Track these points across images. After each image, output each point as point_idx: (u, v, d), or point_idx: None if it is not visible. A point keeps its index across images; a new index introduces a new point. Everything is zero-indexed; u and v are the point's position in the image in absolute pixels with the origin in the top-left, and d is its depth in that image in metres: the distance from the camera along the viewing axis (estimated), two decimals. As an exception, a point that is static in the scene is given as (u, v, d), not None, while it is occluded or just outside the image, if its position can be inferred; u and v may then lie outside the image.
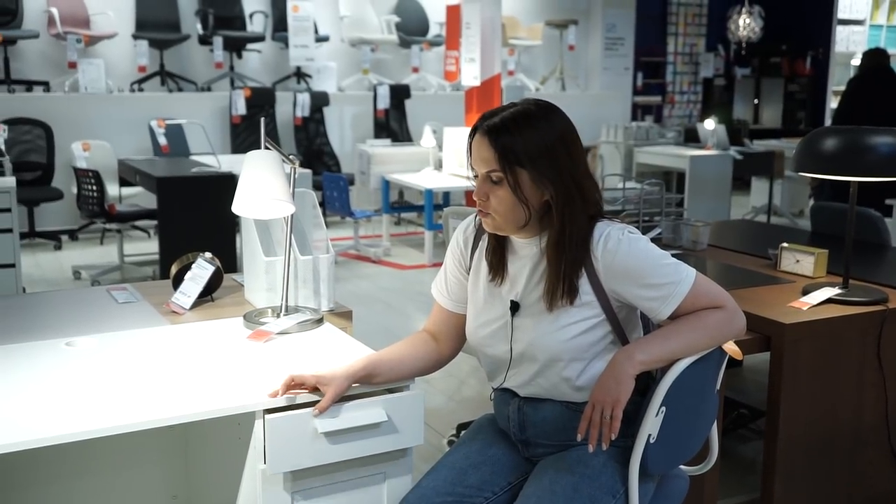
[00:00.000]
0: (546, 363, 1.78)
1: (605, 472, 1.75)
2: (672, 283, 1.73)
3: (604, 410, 1.66)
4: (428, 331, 1.98)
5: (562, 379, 1.79)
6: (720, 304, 1.77)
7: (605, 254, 1.73)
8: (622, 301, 1.77)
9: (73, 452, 2.12)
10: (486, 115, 1.75)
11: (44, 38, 7.80)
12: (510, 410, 1.89)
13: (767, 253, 3.20)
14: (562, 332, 1.76)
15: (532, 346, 1.78)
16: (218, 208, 5.17)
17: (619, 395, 1.66)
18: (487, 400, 2.00)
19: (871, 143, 2.47)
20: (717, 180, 7.64)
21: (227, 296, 2.51)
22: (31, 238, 7.16)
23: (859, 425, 2.63)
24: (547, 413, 1.84)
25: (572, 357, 1.77)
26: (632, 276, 1.73)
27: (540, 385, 1.82)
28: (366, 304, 5.47)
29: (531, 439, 1.87)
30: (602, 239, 1.74)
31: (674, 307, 1.73)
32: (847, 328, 2.55)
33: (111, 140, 7.48)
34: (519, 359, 1.83)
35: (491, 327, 1.85)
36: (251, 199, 2.08)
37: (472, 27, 6.95)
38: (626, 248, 1.72)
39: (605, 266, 1.74)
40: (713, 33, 11.90)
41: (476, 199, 1.75)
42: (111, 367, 1.87)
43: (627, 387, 1.67)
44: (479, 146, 1.73)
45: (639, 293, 1.74)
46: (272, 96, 8.38)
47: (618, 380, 1.67)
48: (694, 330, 1.73)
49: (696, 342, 1.74)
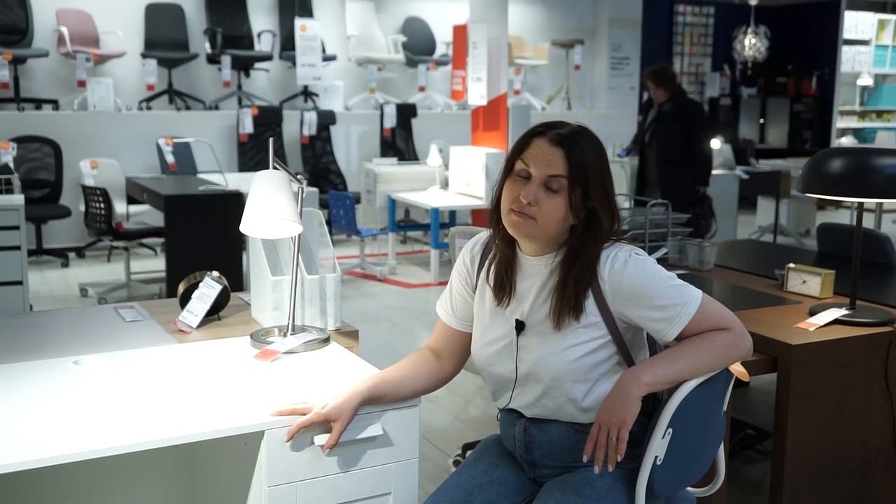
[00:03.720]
0: (551, 384, 1.78)
1: (611, 494, 1.75)
2: (679, 305, 1.73)
3: (610, 431, 1.66)
4: (431, 348, 1.97)
5: (567, 400, 1.78)
6: (727, 325, 1.76)
7: (611, 275, 1.73)
8: (628, 322, 1.77)
9: (80, 472, 2.11)
10: (550, 124, 1.77)
11: (53, 56, 7.86)
12: (516, 431, 1.88)
13: (774, 273, 3.20)
14: (567, 352, 1.75)
15: (537, 365, 1.78)
16: (225, 226, 5.18)
17: (626, 416, 1.66)
18: (493, 420, 2.00)
19: (877, 164, 2.48)
20: (723, 200, 7.61)
21: (234, 315, 2.52)
22: (38, 255, 7.18)
23: (866, 447, 2.62)
24: (553, 434, 1.83)
25: (577, 378, 1.76)
26: (638, 297, 1.73)
27: (545, 406, 1.81)
28: (371, 323, 5.47)
29: (537, 460, 1.87)
30: (609, 260, 1.74)
31: (680, 329, 1.73)
32: (854, 349, 2.54)
33: (119, 158, 7.52)
34: (524, 379, 1.82)
35: (496, 346, 1.85)
36: (259, 219, 2.09)
37: (479, 47, 6.98)
38: (632, 269, 1.73)
39: (612, 287, 1.74)
40: (719, 53, 11.94)
41: (523, 199, 1.72)
42: (119, 386, 1.87)
43: (634, 408, 1.67)
44: (547, 151, 1.73)
45: (645, 315, 1.74)
46: (279, 115, 8.42)
47: (624, 401, 1.67)
48: (701, 351, 1.73)
49: (703, 364, 1.74)
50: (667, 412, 1.71)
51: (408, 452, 1.83)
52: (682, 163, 6.10)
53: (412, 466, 1.85)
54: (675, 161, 6.11)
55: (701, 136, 6.13)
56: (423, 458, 3.40)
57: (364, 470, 1.78)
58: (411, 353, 1.97)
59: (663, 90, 6.15)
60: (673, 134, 6.12)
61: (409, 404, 1.83)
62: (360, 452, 1.77)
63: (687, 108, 6.19)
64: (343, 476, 1.76)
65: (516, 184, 1.75)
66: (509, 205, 1.75)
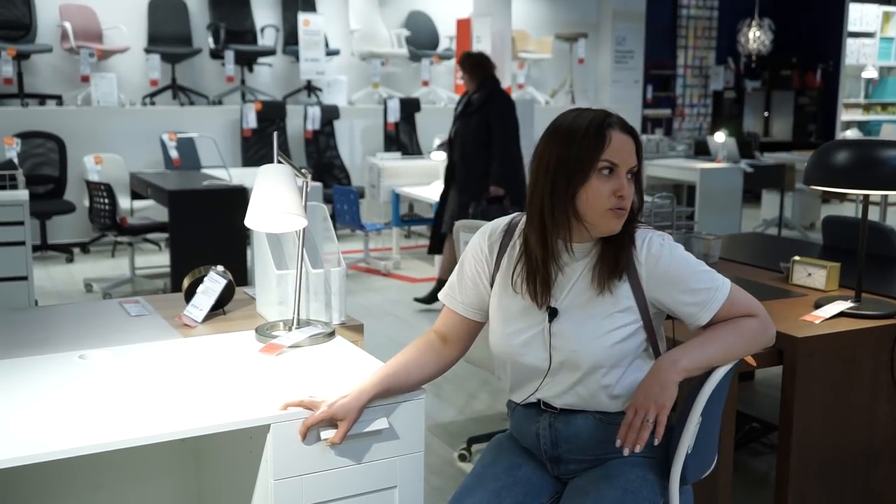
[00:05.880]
0: (588, 370, 1.78)
1: (644, 486, 1.77)
2: (711, 289, 1.77)
3: (647, 415, 1.67)
4: (437, 332, 1.94)
5: (601, 387, 1.79)
6: (754, 312, 1.80)
7: (648, 258, 1.76)
8: (661, 307, 1.80)
9: (85, 466, 2.12)
10: (602, 112, 1.75)
11: (57, 52, 7.86)
12: (540, 427, 1.86)
13: (779, 266, 3.19)
14: (605, 337, 1.76)
15: (576, 352, 1.77)
16: (229, 221, 5.19)
17: (665, 400, 1.68)
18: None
19: (882, 157, 2.47)
20: (727, 193, 7.63)
21: (239, 309, 2.52)
22: (43, 251, 7.19)
23: (872, 440, 2.61)
24: (580, 427, 1.83)
25: (614, 363, 1.78)
26: (673, 281, 1.76)
27: (578, 394, 1.81)
28: (375, 317, 5.47)
29: (563, 455, 1.86)
30: (645, 244, 1.77)
31: (712, 314, 1.77)
32: (860, 342, 2.53)
33: (123, 153, 7.53)
34: (558, 367, 1.80)
35: (525, 335, 1.82)
36: (264, 213, 2.09)
37: (483, 41, 6.97)
38: (668, 253, 1.76)
39: (648, 271, 1.76)
40: (723, 46, 11.91)
41: (624, 195, 1.71)
42: (124, 380, 1.87)
43: (672, 393, 1.69)
44: (624, 141, 1.72)
45: (680, 298, 1.77)
46: (283, 110, 8.42)
47: (664, 386, 1.69)
48: (731, 337, 1.77)
49: (734, 350, 1.77)
50: (701, 400, 1.75)
51: (413, 446, 1.83)
52: (483, 161, 5.44)
53: (417, 460, 1.85)
54: (475, 159, 5.47)
55: (503, 132, 5.42)
56: (429, 451, 3.40)
57: (369, 463, 1.78)
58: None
59: (469, 76, 5.50)
60: (475, 127, 5.45)
61: (414, 397, 1.83)
62: (365, 446, 1.77)
63: (491, 99, 5.45)
64: (349, 469, 1.76)
65: (602, 180, 1.71)
66: (605, 203, 1.71)
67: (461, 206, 5.48)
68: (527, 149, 7.04)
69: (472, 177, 5.47)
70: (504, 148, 5.42)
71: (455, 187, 5.58)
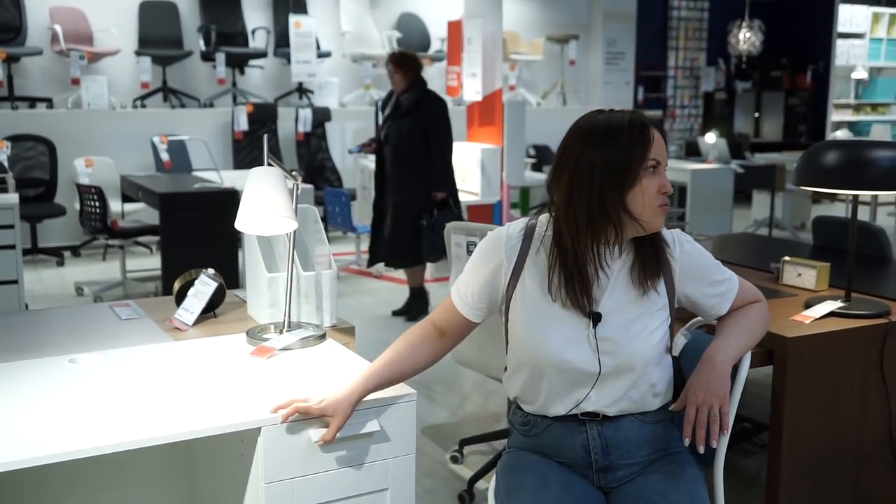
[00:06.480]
0: (641, 372, 1.79)
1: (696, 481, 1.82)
2: (728, 280, 1.88)
3: (711, 409, 1.72)
4: (436, 325, 1.88)
5: (649, 386, 1.82)
6: (759, 297, 1.93)
7: (682, 255, 1.83)
8: (685, 301, 1.87)
9: (76, 470, 2.11)
10: (633, 110, 1.79)
11: (47, 54, 7.83)
12: (589, 438, 1.83)
13: (769, 267, 3.20)
14: (651, 336, 1.79)
15: (631, 355, 1.77)
16: (220, 224, 5.18)
17: (726, 392, 1.76)
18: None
19: (872, 157, 2.48)
20: (718, 194, 7.65)
21: (230, 312, 2.52)
22: (33, 254, 7.17)
23: (863, 439, 2.62)
24: (628, 431, 1.83)
25: (658, 362, 1.82)
26: (702, 274, 1.85)
27: (630, 398, 1.81)
28: (367, 319, 5.47)
29: (615, 462, 1.84)
30: (676, 241, 1.84)
31: (731, 303, 1.88)
32: (850, 342, 2.54)
33: (114, 156, 7.51)
34: (610, 372, 1.77)
35: (570, 342, 1.77)
36: (254, 216, 2.09)
37: (474, 42, 6.97)
38: (697, 248, 1.86)
39: (683, 267, 1.83)
40: (713, 47, 11.94)
41: (668, 192, 1.73)
42: (115, 384, 1.87)
43: (728, 384, 1.77)
44: (660, 139, 1.75)
45: (706, 291, 1.86)
46: (274, 112, 8.41)
47: (721, 378, 1.76)
48: (753, 323, 1.89)
49: (757, 335, 1.90)
50: (737, 390, 1.86)
51: (405, 448, 1.83)
52: (419, 163, 5.28)
53: (409, 462, 1.85)
54: (411, 161, 5.30)
55: (440, 134, 5.29)
56: (421, 453, 3.40)
57: (361, 466, 1.78)
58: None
59: (401, 76, 5.29)
60: (408, 130, 5.27)
61: (405, 399, 1.83)
62: (356, 448, 1.77)
63: (423, 100, 5.28)
64: (340, 472, 1.76)
65: (650, 178, 1.71)
66: (655, 201, 1.72)
67: (399, 208, 5.32)
68: (521, 145, 7.05)
69: (410, 178, 5.31)
70: (443, 150, 5.32)
71: (390, 190, 5.41)
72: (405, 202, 5.33)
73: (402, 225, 5.32)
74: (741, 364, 1.90)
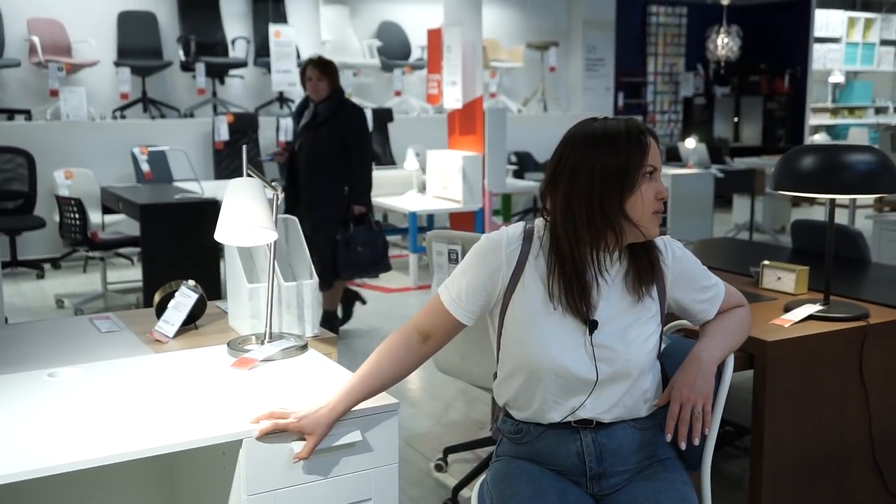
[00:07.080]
0: (637, 378, 1.81)
1: (687, 484, 1.85)
2: (716, 285, 1.91)
3: (695, 407, 1.76)
4: (420, 331, 1.84)
5: (641, 392, 1.83)
6: (743, 302, 1.96)
7: (674, 261, 1.85)
8: (674, 307, 1.89)
9: (57, 485, 2.09)
10: (628, 117, 1.79)
11: (25, 66, 7.79)
12: (583, 445, 1.82)
13: (749, 271, 3.22)
14: (646, 343, 1.81)
15: (628, 362, 1.79)
16: (201, 235, 5.11)
17: (710, 390, 1.79)
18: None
19: (848, 161, 2.50)
20: (698, 199, 7.69)
21: (211, 323, 2.51)
22: (13, 267, 7.10)
23: (843, 441, 2.64)
24: (621, 438, 1.84)
25: (651, 368, 1.84)
26: (693, 280, 1.88)
27: (625, 405, 1.82)
28: (350, 328, 5.45)
29: (608, 469, 1.84)
30: (668, 248, 1.85)
31: (717, 307, 1.91)
32: (829, 344, 2.56)
33: (94, 168, 7.46)
34: (607, 379, 1.78)
35: (569, 348, 1.77)
36: (234, 227, 2.08)
37: (454, 50, 6.99)
38: (688, 254, 1.88)
39: (674, 273, 1.85)
40: (692, 53, 12.03)
41: (665, 198, 1.75)
42: (94, 398, 1.86)
43: (713, 383, 1.80)
44: (654, 145, 1.76)
45: (696, 296, 1.89)
46: (255, 121, 8.40)
47: (706, 377, 1.79)
48: (737, 327, 1.92)
49: (741, 337, 1.93)
50: (722, 393, 1.88)
51: (387, 458, 1.83)
52: (337, 177, 5.00)
53: (392, 472, 1.84)
54: (327, 173, 5.01)
55: (360, 146, 5.04)
56: (405, 462, 3.40)
57: (343, 476, 1.78)
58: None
59: (326, 83, 4.99)
60: (325, 141, 4.98)
61: (388, 409, 1.82)
62: (339, 459, 1.77)
63: (342, 110, 5.02)
64: (322, 483, 1.75)
65: (647, 185, 1.72)
66: (651, 207, 1.73)
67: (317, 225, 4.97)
68: (507, 151, 7.05)
69: (329, 189, 5.02)
70: (363, 161, 5.07)
71: (304, 204, 5.06)
72: (322, 219, 5.02)
73: (322, 244, 4.93)
74: (725, 366, 1.92)
